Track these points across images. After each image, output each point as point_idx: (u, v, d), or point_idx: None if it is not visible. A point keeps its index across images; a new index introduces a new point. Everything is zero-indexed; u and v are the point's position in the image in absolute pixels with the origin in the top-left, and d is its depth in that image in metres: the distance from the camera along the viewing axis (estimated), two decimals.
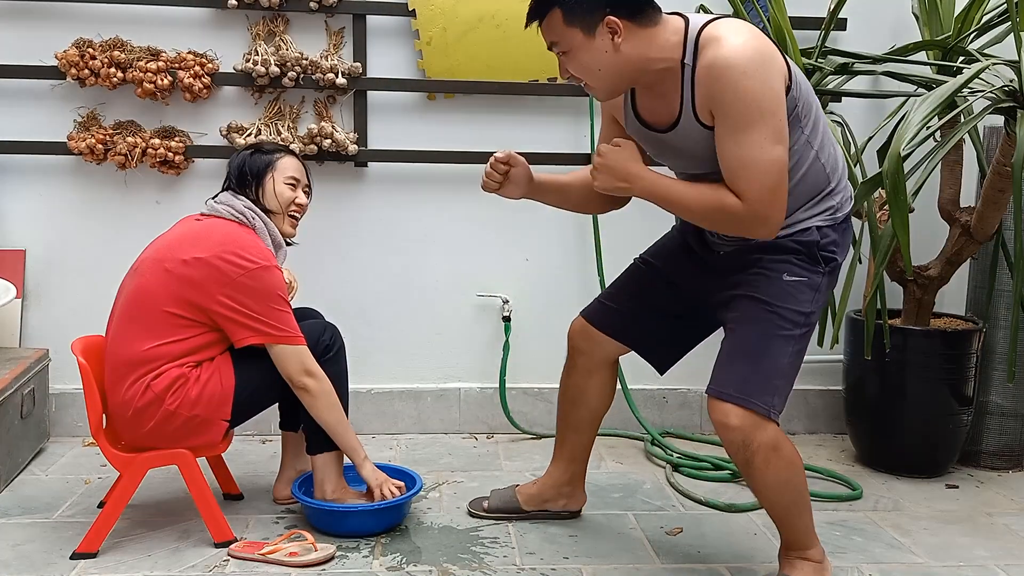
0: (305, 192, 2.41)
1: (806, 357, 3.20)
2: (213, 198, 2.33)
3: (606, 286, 2.31)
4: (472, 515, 2.46)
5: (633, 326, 2.23)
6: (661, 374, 2.33)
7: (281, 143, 2.80)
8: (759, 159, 1.73)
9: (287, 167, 2.36)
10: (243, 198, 2.30)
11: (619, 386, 3.16)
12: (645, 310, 2.21)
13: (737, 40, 1.74)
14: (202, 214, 2.32)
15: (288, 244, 2.38)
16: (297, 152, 2.68)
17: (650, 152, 1.99)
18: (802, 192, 1.89)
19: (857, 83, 3.02)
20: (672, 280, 2.16)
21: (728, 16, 1.84)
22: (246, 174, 2.32)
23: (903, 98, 2.75)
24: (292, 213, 2.37)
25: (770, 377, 1.88)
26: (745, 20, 2.74)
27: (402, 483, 2.38)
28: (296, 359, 2.21)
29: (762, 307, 1.89)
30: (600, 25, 1.77)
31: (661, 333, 2.23)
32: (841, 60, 2.76)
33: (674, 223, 2.23)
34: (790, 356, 1.90)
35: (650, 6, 1.81)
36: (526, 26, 1.86)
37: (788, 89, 1.78)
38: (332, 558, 2.20)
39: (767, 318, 1.88)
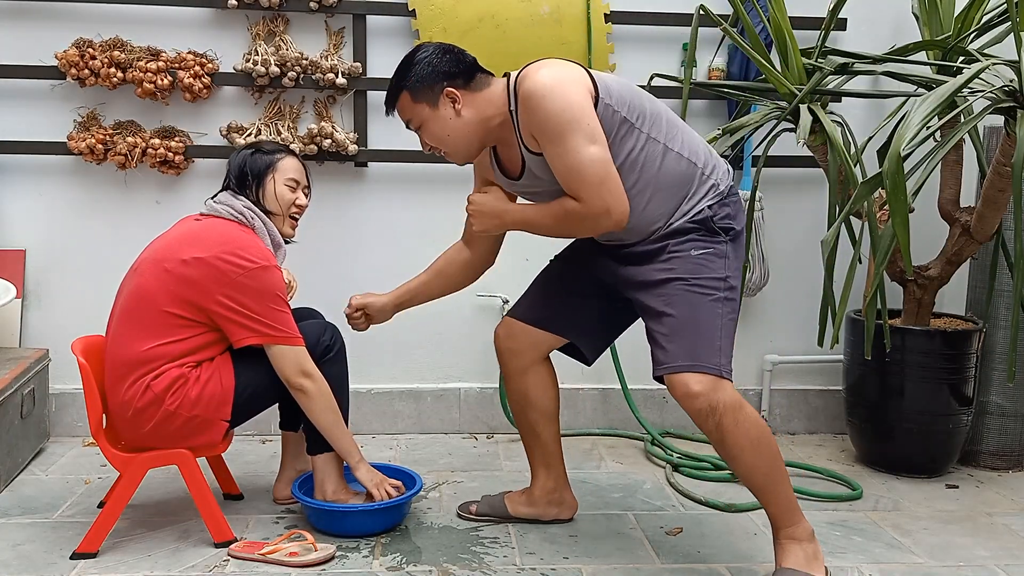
0: (305, 193, 2.41)
1: (808, 356, 3.27)
2: (212, 198, 2.33)
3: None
4: (461, 517, 2.46)
5: (555, 313, 2.31)
6: (589, 364, 2.41)
7: (281, 143, 2.80)
8: (580, 161, 1.91)
9: (288, 168, 2.35)
10: (243, 198, 2.30)
11: (619, 386, 3.19)
12: (567, 297, 2.30)
13: (536, 72, 1.94)
14: (201, 214, 2.32)
15: (287, 243, 2.38)
16: (297, 152, 2.67)
17: (522, 196, 2.20)
18: (671, 184, 2.01)
19: (857, 83, 3.02)
20: (587, 270, 2.25)
21: (547, 59, 2.02)
22: (246, 174, 2.32)
23: (903, 98, 2.75)
24: (292, 214, 2.37)
25: (712, 339, 1.98)
26: (744, 20, 2.76)
27: (399, 482, 2.38)
28: (293, 360, 2.21)
29: (683, 284, 2.01)
30: (441, 96, 2.02)
31: (583, 318, 2.31)
32: (841, 60, 2.76)
33: None
34: (722, 318, 2.01)
35: (479, 72, 2.06)
36: (387, 114, 2.11)
37: (598, 99, 1.94)
38: (332, 558, 2.20)
39: (691, 291, 2.00)
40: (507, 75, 2.06)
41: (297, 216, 2.39)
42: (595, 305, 2.29)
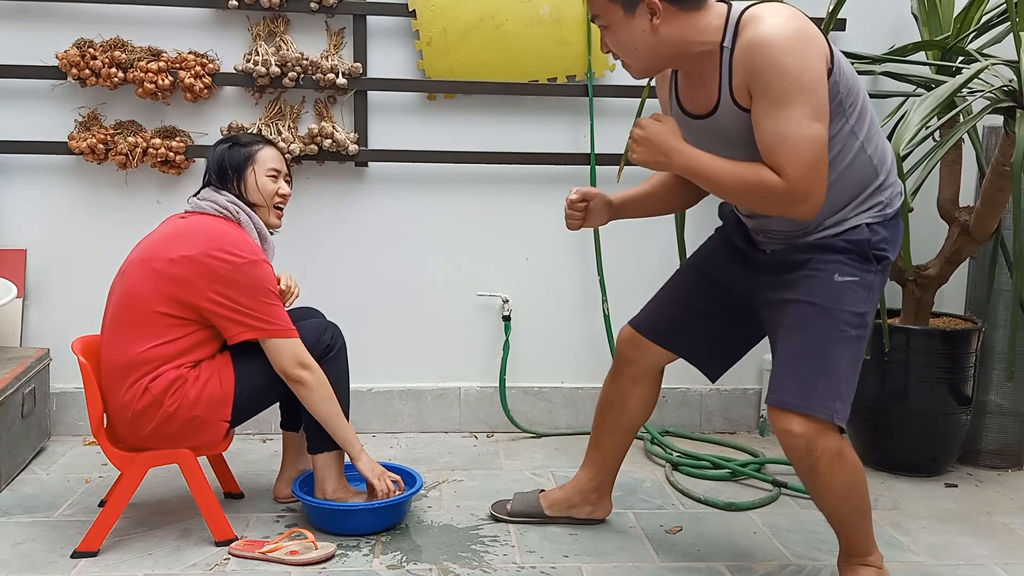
0: (287, 181, 2.40)
1: None
2: (195, 195, 2.33)
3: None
4: (495, 519, 2.43)
5: (681, 333, 2.19)
6: (713, 381, 2.28)
7: (258, 134, 2.78)
8: (799, 135, 1.71)
9: (267, 159, 2.34)
10: (225, 193, 2.29)
11: None
12: (693, 316, 2.17)
13: (777, 19, 1.73)
14: (186, 212, 2.32)
15: (273, 234, 2.38)
16: (274, 142, 2.65)
17: (691, 140, 1.93)
18: (847, 185, 1.86)
19: None
20: (719, 283, 2.12)
21: (778, 2, 1.83)
22: (226, 169, 2.31)
23: (902, 98, 2.76)
24: (277, 204, 2.36)
25: (830, 382, 1.85)
26: None
27: (398, 476, 2.38)
28: (290, 351, 2.21)
29: (816, 310, 1.85)
30: (641, 4, 1.79)
31: (710, 339, 2.19)
32: None
33: (717, 226, 2.21)
34: (849, 359, 1.86)
35: None
36: None
37: (830, 71, 1.76)
38: (332, 556, 2.20)
39: (822, 322, 1.85)
40: (729, 4, 1.83)
41: (281, 206, 2.38)
42: (722, 327, 2.16)
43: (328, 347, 2.33)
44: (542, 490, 2.47)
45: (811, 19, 3.09)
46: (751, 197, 1.82)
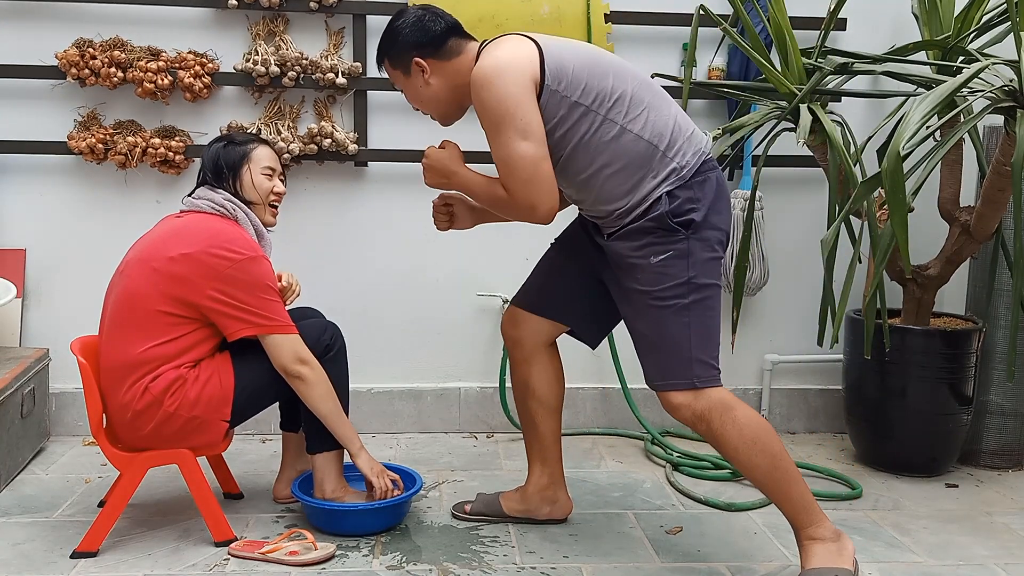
0: (281, 180, 2.40)
1: (808, 356, 3.27)
2: (190, 194, 2.33)
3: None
4: (456, 516, 2.45)
5: (553, 299, 2.32)
6: (593, 348, 2.40)
7: (252, 133, 2.77)
8: (510, 155, 1.94)
9: (262, 157, 2.35)
10: (221, 191, 2.29)
11: (619, 385, 3.19)
12: (564, 284, 2.30)
13: (484, 60, 1.97)
14: (182, 211, 2.32)
15: (269, 231, 2.38)
16: (269, 140, 2.65)
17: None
18: (626, 165, 1.98)
19: (857, 83, 3.02)
20: (581, 257, 2.25)
21: (509, 35, 2.02)
22: (222, 167, 2.32)
23: (903, 98, 2.75)
24: (272, 202, 2.37)
25: (680, 352, 1.99)
26: (744, 20, 2.76)
27: (396, 475, 2.38)
28: (289, 347, 2.21)
29: (644, 296, 2.01)
30: (412, 65, 2.07)
31: (580, 304, 2.31)
32: (841, 60, 2.76)
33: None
34: (688, 325, 1.99)
35: (453, 38, 2.08)
36: (378, 69, 2.16)
37: (543, 88, 1.93)
38: (332, 557, 2.20)
39: (651, 304, 2.00)
40: (484, 43, 2.07)
41: (277, 204, 2.39)
42: (590, 291, 2.27)
43: (328, 347, 2.33)
44: (502, 492, 2.47)
45: (811, 19, 3.10)
46: (499, 209, 2.08)
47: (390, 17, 3.00)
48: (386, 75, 2.17)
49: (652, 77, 3.01)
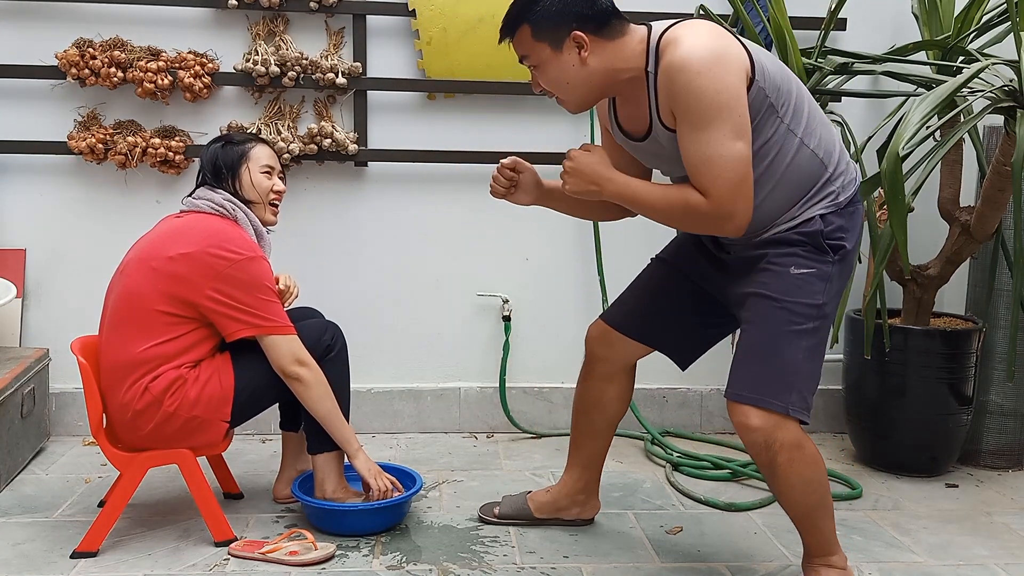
0: (280, 178, 2.40)
1: None
2: (190, 194, 2.33)
3: (623, 287, 2.28)
4: (483, 520, 2.43)
5: (653, 326, 2.20)
6: (683, 369, 2.28)
7: (250, 133, 2.76)
8: (721, 155, 1.74)
9: (260, 156, 2.35)
10: (221, 191, 2.30)
11: None
12: (664, 308, 2.18)
13: (691, 41, 1.75)
14: (182, 211, 2.32)
15: (269, 232, 2.38)
16: (267, 140, 2.65)
17: (640, 158, 2.02)
18: (794, 182, 1.87)
19: (857, 83, 3.02)
20: (689, 277, 2.14)
21: (692, 18, 1.83)
22: (220, 168, 2.32)
23: (903, 98, 2.75)
24: (272, 201, 2.37)
25: (784, 374, 1.85)
26: (744, 20, 2.76)
27: (393, 477, 2.38)
28: (287, 348, 2.21)
29: (771, 304, 1.86)
30: (567, 40, 1.81)
31: (681, 331, 2.20)
32: (841, 60, 2.76)
33: None
34: (805, 351, 1.86)
35: (616, 18, 1.84)
36: (499, 42, 1.90)
37: (752, 82, 1.77)
38: (332, 557, 2.20)
39: (777, 315, 1.86)
40: (649, 26, 1.86)
41: (276, 203, 2.39)
42: (693, 319, 2.17)
43: (329, 347, 2.33)
44: (529, 492, 2.46)
45: (811, 19, 3.11)
46: (680, 219, 1.86)
47: (392, 17, 3.06)
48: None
49: None
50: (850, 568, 2.02)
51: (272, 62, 2.93)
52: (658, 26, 1.84)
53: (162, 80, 2.89)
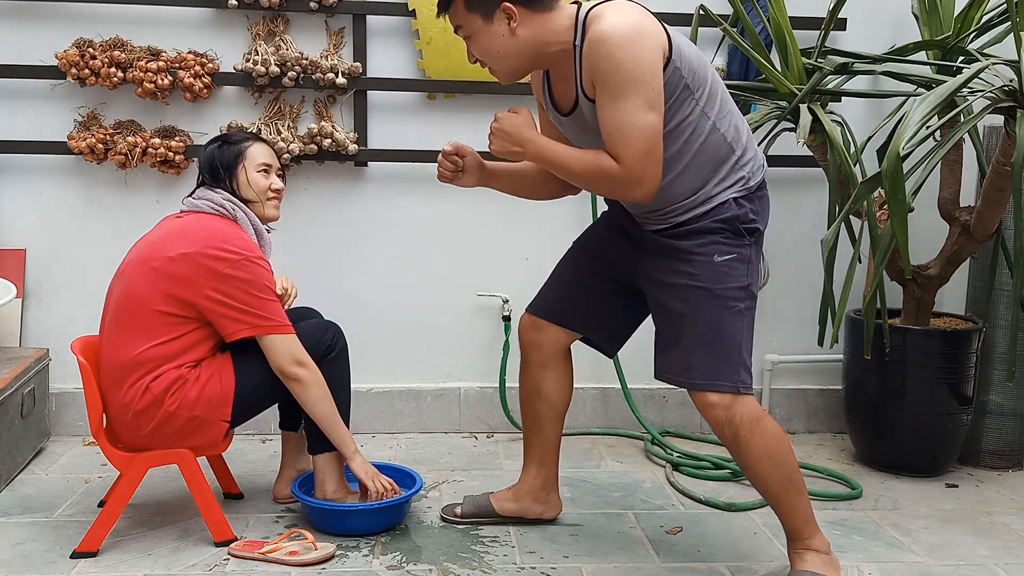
0: (279, 175, 2.40)
1: (808, 356, 3.27)
2: (190, 195, 2.33)
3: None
4: (445, 520, 2.43)
5: (573, 309, 2.29)
6: (610, 357, 2.39)
7: (248, 132, 2.76)
8: (634, 124, 1.83)
9: (257, 155, 2.35)
10: (220, 191, 2.30)
11: (619, 385, 3.19)
12: (584, 294, 2.27)
13: (614, 17, 1.84)
14: (182, 211, 2.32)
15: (269, 231, 2.38)
16: (264, 138, 2.65)
17: (567, 135, 2.10)
18: (705, 162, 1.96)
19: (857, 83, 3.02)
20: (607, 261, 2.22)
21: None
22: (217, 168, 2.32)
23: (903, 98, 2.75)
24: (271, 198, 2.37)
25: (732, 355, 1.98)
26: (744, 20, 2.76)
27: (391, 479, 2.38)
28: (286, 349, 2.21)
29: (704, 293, 1.97)
30: (497, 11, 1.91)
31: (603, 315, 2.28)
32: (841, 60, 2.76)
33: (605, 207, 2.30)
34: (742, 331, 2.00)
35: None
36: (437, 15, 2.00)
37: (669, 61, 1.86)
38: (332, 557, 2.20)
39: (712, 302, 1.97)
40: (579, 3, 1.95)
41: (277, 199, 2.39)
42: (614, 301, 2.26)
43: (329, 348, 2.33)
44: (491, 493, 2.46)
45: (811, 19, 3.10)
46: (595, 182, 1.95)
47: (392, 17, 3.06)
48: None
49: None
50: (834, 555, 2.06)
51: (272, 62, 2.93)
52: (587, 4, 1.94)
53: (162, 80, 2.89)
